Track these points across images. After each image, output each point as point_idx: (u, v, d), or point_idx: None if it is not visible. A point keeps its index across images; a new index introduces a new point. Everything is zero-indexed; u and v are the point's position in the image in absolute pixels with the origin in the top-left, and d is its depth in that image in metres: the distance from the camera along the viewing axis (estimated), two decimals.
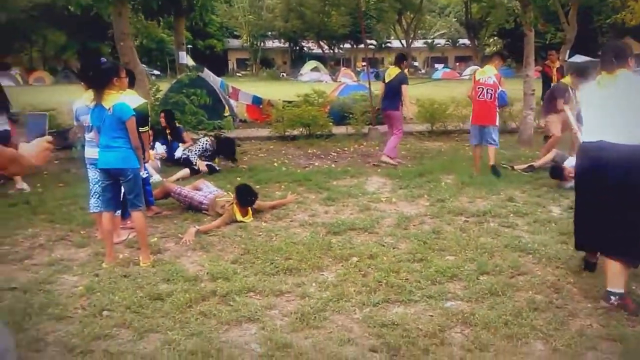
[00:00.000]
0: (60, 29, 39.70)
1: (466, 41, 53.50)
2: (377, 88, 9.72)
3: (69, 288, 3.81)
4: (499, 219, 5.32)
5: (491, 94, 7.05)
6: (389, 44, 54.76)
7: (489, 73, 7.17)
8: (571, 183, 5.37)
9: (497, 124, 7.34)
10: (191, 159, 7.61)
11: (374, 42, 51.33)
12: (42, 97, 17.09)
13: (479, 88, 7.13)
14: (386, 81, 8.30)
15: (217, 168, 7.72)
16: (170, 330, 3.17)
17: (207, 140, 7.89)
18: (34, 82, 37.53)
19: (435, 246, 4.54)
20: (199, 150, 7.73)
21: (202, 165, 7.53)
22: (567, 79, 7.20)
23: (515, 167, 7.58)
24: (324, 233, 4.92)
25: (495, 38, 44.84)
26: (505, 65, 9.33)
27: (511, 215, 5.45)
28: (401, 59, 8.48)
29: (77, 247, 4.70)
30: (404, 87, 8.06)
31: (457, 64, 55.89)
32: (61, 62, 47.82)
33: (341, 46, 55.02)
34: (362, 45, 45.44)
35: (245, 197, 5.31)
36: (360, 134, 11.00)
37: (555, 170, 6.60)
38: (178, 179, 7.09)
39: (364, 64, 38.71)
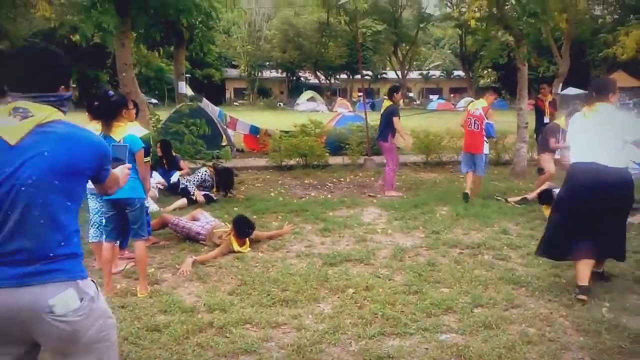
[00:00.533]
0: None
1: (461, 73, 54.59)
2: (373, 119, 9.89)
3: None
4: (493, 252, 5.38)
5: (478, 125, 7.62)
6: (384, 75, 55.64)
7: (477, 105, 7.87)
8: None
9: (485, 152, 7.82)
10: (189, 189, 7.69)
11: (369, 72, 52.11)
12: None
13: (468, 118, 7.77)
14: (381, 112, 8.52)
15: (215, 198, 7.79)
16: None
17: (206, 171, 7.98)
18: None
19: (430, 278, 4.60)
20: (197, 181, 7.82)
21: (199, 195, 7.60)
22: (561, 120, 7.41)
23: (509, 199, 7.68)
24: (321, 264, 4.98)
25: (490, 70, 45.65)
26: (500, 98, 9.64)
27: (505, 247, 5.52)
28: (392, 91, 8.75)
29: None
30: (394, 119, 8.26)
31: (452, 95, 56.70)
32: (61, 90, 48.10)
33: (337, 76, 55.87)
34: (358, 76, 46.19)
35: (243, 228, 5.37)
36: (357, 165, 11.14)
37: (545, 194, 6.76)
38: (175, 209, 7.15)
39: (360, 94, 39.20)
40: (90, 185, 4.73)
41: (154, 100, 36.72)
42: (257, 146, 13.17)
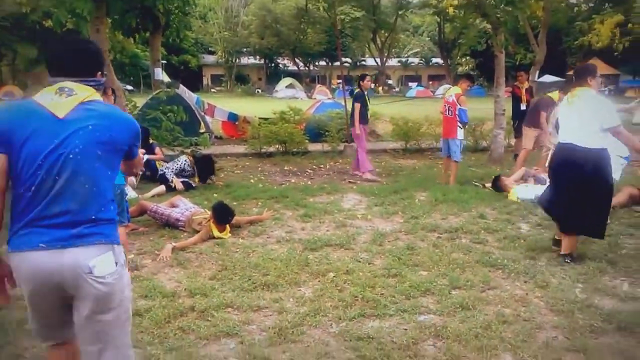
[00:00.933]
0: (31, 43, 39.16)
1: (439, 60, 54.86)
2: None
3: None
4: (471, 235, 5.48)
5: (452, 111, 7.84)
6: (363, 62, 55.62)
7: (451, 92, 8.09)
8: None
9: (459, 138, 7.98)
10: (167, 176, 7.63)
11: (349, 60, 52.04)
12: None
13: (444, 105, 8.02)
14: None
15: (194, 185, 7.75)
16: (149, 345, 3.21)
17: (186, 160, 7.91)
18: (2, 96, 36.85)
19: (409, 262, 4.67)
20: (176, 169, 7.76)
21: (177, 183, 7.55)
22: (554, 94, 7.81)
23: (486, 185, 7.81)
24: (301, 249, 5.01)
25: (468, 58, 46.00)
26: (477, 84, 9.82)
27: (482, 231, 5.63)
28: (360, 78, 9.36)
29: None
30: (355, 104, 8.73)
31: (431, 82, 56.96)
32: (32, 76, 47.03)
33: (316, 63, 55.66)
34: (337, 63, 46.09)
35: (223, 215, 5.37)
36: (336, 151, 11.18)
37: (495, 182, 7.44)
38: (153, 196, 7.10)
39: (339, 81, 39.16)
40: None
41: (129, 87, 36.16)
42: (236, 133, 13.11)
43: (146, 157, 8.00)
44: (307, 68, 55.96)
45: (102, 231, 2.06)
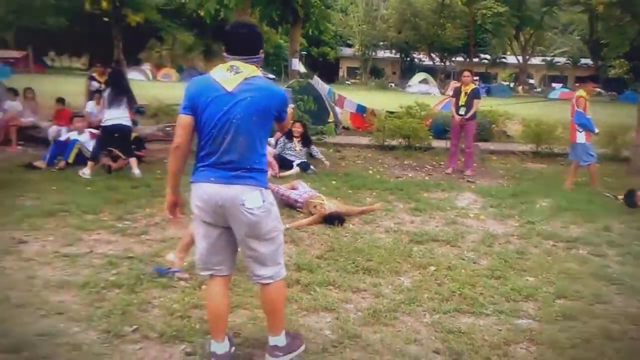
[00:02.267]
0: (189, 30, 42.86)
1: (588, 61, 50.57)
2: (486, 104, 9.66)
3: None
4: (590, 247, 5.21)
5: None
6: (503, 59, 53.04)
7: (576, 94, 7.88)
8: None
9: (579, 141, 7.71)
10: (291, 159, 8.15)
11: (487, 56, 49.95)
12: (167, 92, 18.61)
13: (571, 108, 7.87)
14: None
15: (312, 167, 8.17)
16: (256, 308, 3.56)
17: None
18: (161, 78, 40.85)
19: (516, 266, 4.59)
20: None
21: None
22: None
23: (619, 197, 7.27)
24: (407, 241, 5.14)
25: (622, 60, 41.85)
26: (630, 89, 9.17)
27: (604, 244, 5.31)
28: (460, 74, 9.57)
29: (185, 228, 5.30)
30: (475, 101, 8.77)
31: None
32: (187, 60, 51.46)
33: (453, 59, 54.16)
34: (476, 60, 44.58)
35: (332, 221, 5.57)
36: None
37: (629, 195, 6.91)
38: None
39: (475, 78, 37.84)
40: None
41: (271, 76, 38.10)
42: (363, 125, 13.39)
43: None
44: (443, 63, 54.71)
45: (254, 176, 2.72)
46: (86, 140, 8.07)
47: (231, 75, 2.68)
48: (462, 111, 8.72)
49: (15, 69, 33.63)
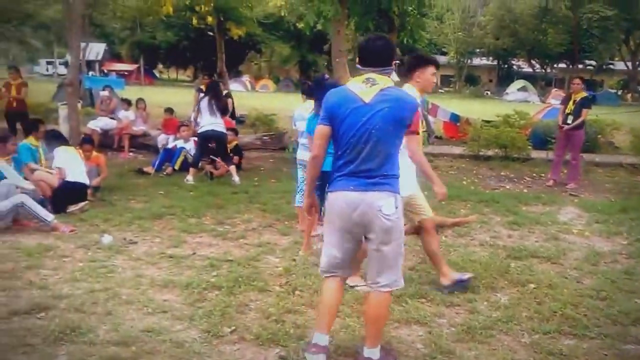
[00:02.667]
0: (286, 42, 44.23)
1: None
2: (590, 113, 9.08)
3: (271, 267, 4.53)
4: None
5: None
6: (611, 66, 49.54)
7: None
8: None
9: None
10: None
11: (593, 62, 46.89)
12: (265, 103, 19.26)
13: None
14: None
15: None
16: (348, 316, 3.61)
17: None
18: (259, 89, 42.34)
19: (624, 287, 4.28)
20: None
21: None
22: None
23: None
24: (504, 256, 4.96)
25: None
26: None
27: None
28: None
29: (281, 235, 5.49)
30: (584, 110, 8.21)
31: None
32: (283, 72, 53.05)
33: (555, 66, 51.40)
34: (580, 66, 42.02)
35: None
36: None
37: None
38: None
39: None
40: (299, 156, 5.45)
41: None
42: (457, 134, 13.09)
43: None
44: (543, 70, 52.11)
45: (390, 183, 2.86)
46: (191, 147, 8.58)
47: (367, 87, 2.81)
48: (569, 120, 8.27)
49: (128, 81, 36.36)
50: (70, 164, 6.26)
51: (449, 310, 3.81)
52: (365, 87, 2.81)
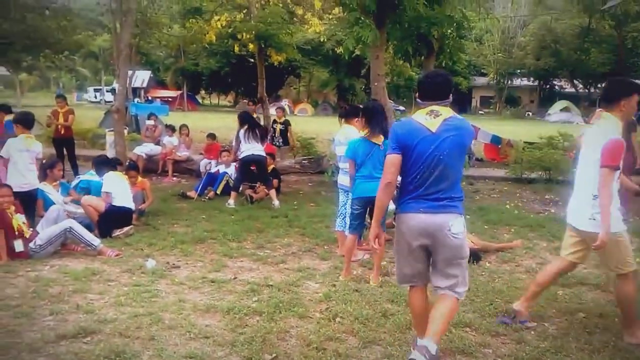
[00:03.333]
0: (325, 67, 44.78)
1: None
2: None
3: (311, 293, 4.51)
4: None
5: None
6: None
7: None
8: None
9: None
10: None
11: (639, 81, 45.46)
12: (304, 126, 19.39)
13: None
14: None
15: None
16: (390, 345, 3.55)
17: None
18: (298, 113, 42.83)
19: None
20: None
21: None
22: None
23: None
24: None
25: None
26: None
27: None
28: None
29: (321, 259, 5.48)
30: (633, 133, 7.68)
31: None
32: (321, 95, 53.58)
33: (599, 85, 50.10)
34: None
35: (471, 257, 5.34)
36: None
37: None
38: None
39: None
40: (340, 181, 5.45)
41: (401, 108, 38.31)
42: (498, 156, 12.88)
43: None
44: (586, 90, 50.87)
45: (456, 204, 3.11)
46: (233, 172, 8.73)
47: (432, 118, 3.06)
48: None
49: (172, 107, 37.43)
50: (118, 188, 6.43)
51: (495, 340, 3.70)
52: (430, 118, 3.07)
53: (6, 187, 5.54)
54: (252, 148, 7.98)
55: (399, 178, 3.19)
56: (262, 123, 12.02)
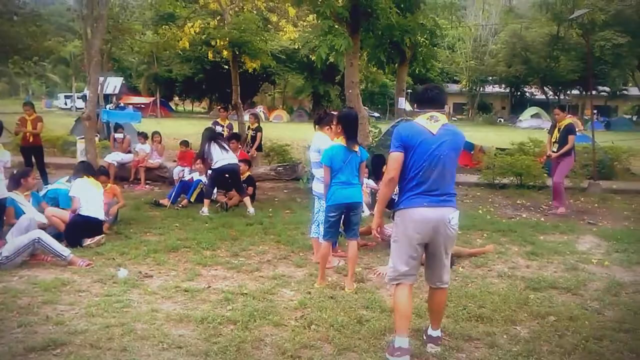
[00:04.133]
0: (300, 74, 44.87)
1: None
2: (605, 139, 9.07)
3: (286, 300, 4.49)
4: None
5: None
6: (624, 92, 49.35)
7: None
8: None
9: None
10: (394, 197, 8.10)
11: (606, 88, 46.70)
12: (279, 133, 19.38)
13: None
14: None
15: None
16: (365, 352, 3.55)
17: None
18: (273, 119, 42.77)
19: None
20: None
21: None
22: None
23: None
24: (523, 287, 4.88)
25: None
26: None
27: None
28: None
29: (296, 267, 5.46)
30: (570, 137, 8.37)
31: None
32: (297, 102, 53.62)
33: (568, 92, 51.35)
34: (594, 92, 41.87)
35: None
36: (579, 188, 10.32)
37: None
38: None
39: (594, 111, 35.47)
40: (315, 188, 5.45)
41: (376, 114, 38.54)
42: (470, 162, 13.05)
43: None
44: (556, 97, 52.04)
45: (452, 199, 3.49)
46: (207, 180, 8.64)
47: (432, 122, 3.43)
48: (554, 148, 8.42)
49: (144, 114, 36.94)
50: (87, 195, 6.25)
51: (468, 345, 3.73)
52: (431, 122, 3.43)
53: None
54: (225, 158, 7.95)
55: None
56: (236, 130, 11.98)
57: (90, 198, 6.25)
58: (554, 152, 8.43)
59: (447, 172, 3.42)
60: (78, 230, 6.03)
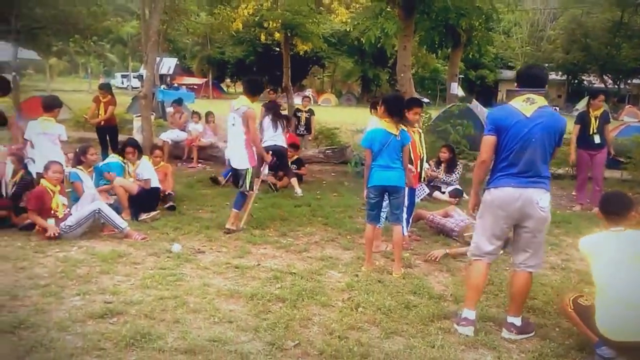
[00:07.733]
0: (349, 57, 44.54)
1: None
2: None
3: (334, 282, 4.53)
4: None
5: None
6: None
7: None
8: None
9: None
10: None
11: None
12: (327, 117, 19.33)
13: None
14: None
15: (466, 195, 7.96)
16: (412, 337, 3.54)
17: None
18: (321, 103, 42.69)
19: None
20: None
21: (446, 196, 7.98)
22: None
23: None
24: (577, 280, 4.76)
25: None
26: None
27: None
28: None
29: (344, 249, 5.48)
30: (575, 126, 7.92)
31: None
32: (345, 86, 53.32)
33: (629, 81, 48.95)
34: None
35: None
36: (638, 181, 9.86)
37: None
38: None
39: None
40: None
41: (426, 100, 37.84)
42: None
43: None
44: (616, 86, 49.70)
45: (545, 182, 3.54)
46: None
47: (528, 105, 3.49)
48: (596, 139, 7.85)
49: (197, 95, 37.62)
50: (152, 173, 6.70)
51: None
52: (526, 104, 3.49)
53: (58, 164, 5.72)
54: (274, 138, 7.98)
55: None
56: (285, 112, 12.06)
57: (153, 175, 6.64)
58: (598, 144, 7.90)
59: (540, 155, 3.46)
60: (141, 202, 6.36)
